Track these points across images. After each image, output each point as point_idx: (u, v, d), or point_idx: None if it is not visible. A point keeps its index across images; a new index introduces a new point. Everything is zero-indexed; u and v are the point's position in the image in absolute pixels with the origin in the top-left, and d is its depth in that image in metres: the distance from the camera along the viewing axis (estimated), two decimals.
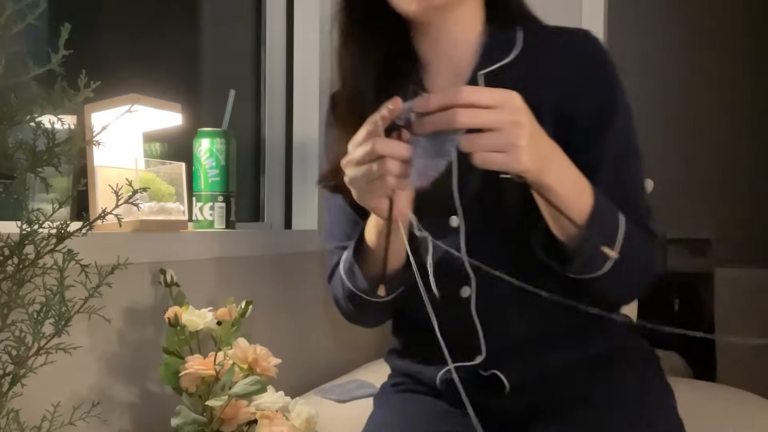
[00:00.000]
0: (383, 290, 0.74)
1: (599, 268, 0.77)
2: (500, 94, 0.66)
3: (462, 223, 0.86)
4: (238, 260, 1.22)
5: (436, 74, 0.92)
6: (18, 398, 0.64)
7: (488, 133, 0.66)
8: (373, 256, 0.85)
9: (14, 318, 0.63)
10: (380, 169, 0.68)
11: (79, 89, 0.61)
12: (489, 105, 0.65)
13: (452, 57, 0.90)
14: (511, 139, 0.66)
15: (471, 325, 0.87)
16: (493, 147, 0.66)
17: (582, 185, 0.76)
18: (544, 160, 0.70)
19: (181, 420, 0.84)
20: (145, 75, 1.19)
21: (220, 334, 0.94)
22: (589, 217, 0.75)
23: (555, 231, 0.78)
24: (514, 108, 0.67)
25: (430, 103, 0.66)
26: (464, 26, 0.90)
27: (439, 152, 0.66)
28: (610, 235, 0.77)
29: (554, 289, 0.71)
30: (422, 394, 0.95)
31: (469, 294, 0.87)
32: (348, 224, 0.96)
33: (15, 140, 0.61)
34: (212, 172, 1.18)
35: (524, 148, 0.66)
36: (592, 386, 0.86)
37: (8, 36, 0.56)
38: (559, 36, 0.90)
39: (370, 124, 0.70)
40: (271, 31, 1.57)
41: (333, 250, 0.99)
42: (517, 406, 0.87)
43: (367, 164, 0.69)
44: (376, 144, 0.68)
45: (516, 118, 0.66)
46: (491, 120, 0.65)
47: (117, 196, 0.69)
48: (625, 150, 0.86)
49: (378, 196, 0.71)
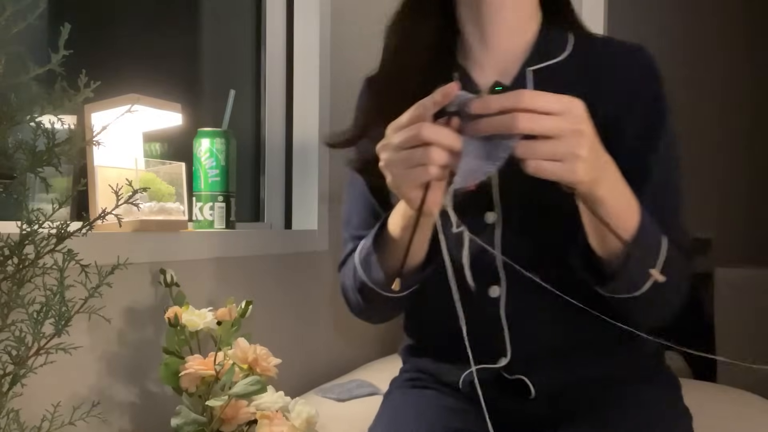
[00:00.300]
0: (398, 285, 0.70)
1: (638, 288, 0.74)
2: (563, 101, 0.63)
3: (499, 220, 0.84)
4: (238, 260, 1.22)
5: (483, 65, 0.90)
6: (18, 398, 0.64)
7: (547, 141, 0.62)
8: (395, 247, 0.82)
9: (14, 318, 0.63)
10: (423, 157, 0.64)
11: (79, 89, 0.61)
12: (551, 111, 0.62)
13: (502, 50, 0.89)
14: (571, 149, 0.63)
15: (497, 326, 0.85)
16: (551, 155, 0.63)
17: (631, 201, 0.73)
18: (599, 172, 0.67)
19: (181, 420, 0.84)
20: (145, 75, 1.19)
21: (220, 334, 0.94)
22: (635, 235, 0.72)
23: (596, 247, 0.75)
24: (576, 116, 0.64)
25: (489, 104, 0.63)
26: (518, 20, 0.89)
27: (491, 156, 0.63)
28: (652, 256, 0.74)
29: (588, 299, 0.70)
30: (439, 390, 0.93)
31: (498, 294, 0.85)
32: (367, 213, 0.94)
33: (15, 140, 0.61)
34: (212, 172, 1.18)
35: (583, 159, 0.63)
36: (615, 400, 0.84)
37: (8, 36, 0.56)
38: (612, 46, 0.88)
39: (418, 108, 0.66)
40: (271, 31, 1.57)
41: (348, 239, 0.97)
42: (541, 412, 0.85)
43: (408, 150, 0.66)
44: (423, 129, 0.64)
45: (578, 127, 0.63)
46: (553, 127, 0.62)
47: (117, 196, 0.69)
48: (668, 168, 0.84)
49: (414, 185, 0.67)
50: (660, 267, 0.73)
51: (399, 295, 0.84)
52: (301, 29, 1.55)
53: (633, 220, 0.72)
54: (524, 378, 0.85)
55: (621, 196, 0.71)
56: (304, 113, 1.54)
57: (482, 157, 0.63)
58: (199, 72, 1.55)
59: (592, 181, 0.66)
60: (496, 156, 0.63)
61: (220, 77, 1.60)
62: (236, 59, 1.62)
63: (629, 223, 0.72)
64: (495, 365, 0.85)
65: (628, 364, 0.87)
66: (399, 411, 0.90)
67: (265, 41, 1.57)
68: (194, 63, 1.54)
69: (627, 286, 0.75)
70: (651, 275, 0.68)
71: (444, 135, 0.64)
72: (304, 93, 1.54)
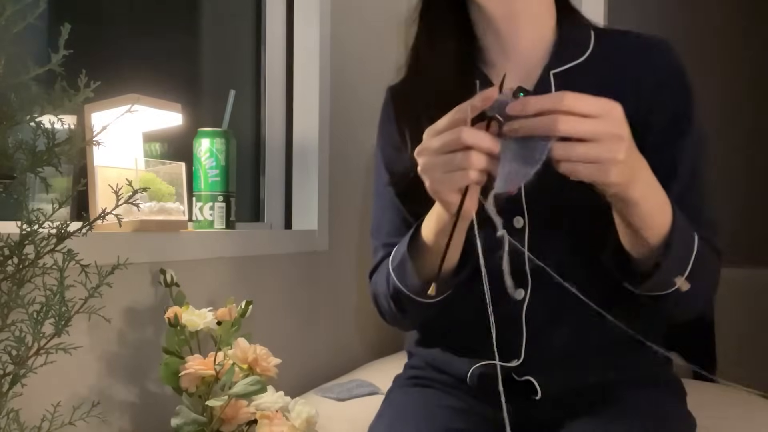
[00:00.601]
0: (434, 290, 0.70)
1: (672, 285, 0.74)
2: (603, 104, 0.63)
3: (526, 224, 0.84)
4: (238, 260, 1.22)
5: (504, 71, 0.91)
6: (18, 398, 0.64)
7: (585, 143, 0.62)
8: (429, 252, 0.82)
9: (14, 318, 0.63)
10: (463, 161, 0.65)
11: (79, 89, 0.61)
12: (590, 114, 0.62)
13: (522, 55, 0.89)
14: (609, 153, 0.62)
15: (516, 328, 0.85)
16: (587, 158, 0.63)
17: (664, 202, 0.73)
18: (633, 175, 0.67)
19: (181, 420, 0.84)
20: (145, 75, 1.19)
21: (220, 334, 0.94)
22: (668, 236, 0.72)
23: (629, 248, 0.75)
24: (615, 119, 0.63)
25: (528, 106, 0.63)
26: (537, 24, 0.89)
27: (528, 159, 0.63)
28: (685, 255, 0.74)
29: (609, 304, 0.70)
30: (441, 390, 0.93)
31: (522, 296, 0.85)
32: (399, 220, 0.94)
33: (15, 140, 0.60)
34: (212, 172, 1.18)
35: (621, 162, 0.63)
36: (619, 403, 0.84)
37: (8, 36, 0.56)
38: (633, 41, 0.88)
39: (457, 112, 0.66)
40: (271, 31, 1.57)
41: (378, 247, 0.97)
42: (545, 413, 0.86)
43: (447, 154, 0.66)
44: (463, 133, 0.64)
45: (618, 131, 0.63)
46: (593, 130, 0.62)
47: (117, 196, 0.69)
48: (696, 164, 0.83)
49: (452, 189, 0.67)
50: (691, 266, 0.74)
51: (434, 300, 0.84)
52: (301, 29, 1.55)
53: (666, 221, 0.72)
54: (532, 379, 0.85)
55: (654, 198, 0.71)
56: (304, 113, 1.54)
57: (520, 160, 0.63)
58: (199, 72, 1.55)
59: (626, 184, 0.66)
60: (533, 158, 0.63)
61: (220, 77, 1.60)
62: (236, 59, 1.62)
63: (662, 224, 0.72)
64: (506, 364, 0.86)
65: (636, 370, 0.87)
66: (400, 410, 0.90)
67: (265, 41, 1.57)
68: (194, 63, 1.54)
69: (661, 285, 0.75)
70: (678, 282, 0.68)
71: (483, 138, 0.64)
72: (304, 93, 1.54)
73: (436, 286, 0.71)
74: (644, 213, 0.70)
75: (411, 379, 0.98)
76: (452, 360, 0.92)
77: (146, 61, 1.32)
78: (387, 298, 0.91)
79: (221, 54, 1.61)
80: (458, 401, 0.90)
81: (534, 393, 0.85)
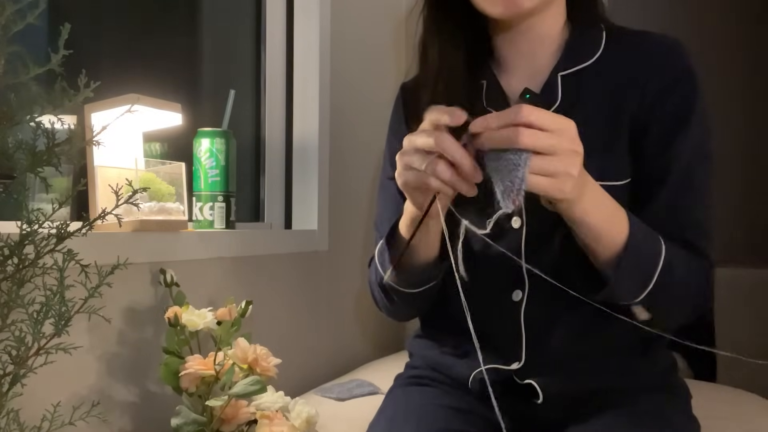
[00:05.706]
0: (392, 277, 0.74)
1: (636, 296, 0.76)
2: (559, 120, 0.65)
3: (523, 224, 0.85)
4: (238, 260, 1.22)
5: (513, 72, 0.91)
6: (18, 398, 0.64)
7: (543, 156, 0.64)
8: (402, 244, 0.83)
9: (14, 318, 0.63)
10: (430, 166, 0.67)
11: (79, 89, 0.61)
12: (547, 128, 0.64)
13: (532, 56, 0.90)
14: (565, 167, 0.65)
15: (516, 329, 0.85)
16: (546, 171, 0.65)
17: (616, 218, 0.74)
18: (582, 190, 0.69)
19: (181, 420, 0.84)
20: (145, 75, 1.19)
21: (220, 334, 0.94)
22: (621, 250, 0.73)
23: (591, 258, 0.77)
24: (572, 136, 0.66)
25: (490, 122, 0.65)
26: (547, 26, 0.89)
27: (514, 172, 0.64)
28: (646, 268, 0.75)
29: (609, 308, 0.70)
30: (442, 390, 0.93)
31: (520, 298, 0.85)
32: (396, 214, 0.95)
33: (15, 140, 0.60)
34: (212, 172, 1.18)
35: (575, 177, 0.65)
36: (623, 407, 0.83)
37: (8, 36, 0.56)
38: (646, 41, 0.88)
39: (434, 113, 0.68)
40: (271, 31, 1.57)
41: (378, 238, 0.97)
42: (548, 416, 0.86)
43: (421, 153, 0.68)
44: (436, 137, 0.67)
45: (575, 147, 0.65)
46: (552, 144, 0.64)
47: (117, 196, 0.69)
48: (693, 165, 0.83)
49: (416, 187, 0.71)
50: (657, 274, 0.75)
51: (414, 291, 0.86)
52: (301, 29, 1.55)
53: (618, 239, 0.74)
54: (534, 383, 0.85)
55: (600, 215, 0.73)
56: (304, 113, 1.54)
57: (506, 176, 0.65)
58: (199, 72, 1.55)
59: (574, 199, 0.69)
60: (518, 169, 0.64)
61: (220, 77, 1.60)
62: (236, 59, 1.62)
63: (612, 242, 0.73)
64: (507, 367, 0.86)
65: (640, 374, 0.87)
66: (400, 409, 0.90)
67: (265, 41, 1.57)
68: (194, 63, 1.54)
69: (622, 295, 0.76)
70: (636, 310, 0.71)
71: (450, 146, 0.66)
72: (304, 93, 1.54)
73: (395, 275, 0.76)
74: (591, 228, 0.72)
75: (412, 378, 0.98)
76: (453, 364, 0.92)
77: (146, 61, 1.32)
78: (377, 286, 0.94)
79: (221, 54, 1.61)
80: (460, 402, 0.90)
81: (536, 396, 0.85)
